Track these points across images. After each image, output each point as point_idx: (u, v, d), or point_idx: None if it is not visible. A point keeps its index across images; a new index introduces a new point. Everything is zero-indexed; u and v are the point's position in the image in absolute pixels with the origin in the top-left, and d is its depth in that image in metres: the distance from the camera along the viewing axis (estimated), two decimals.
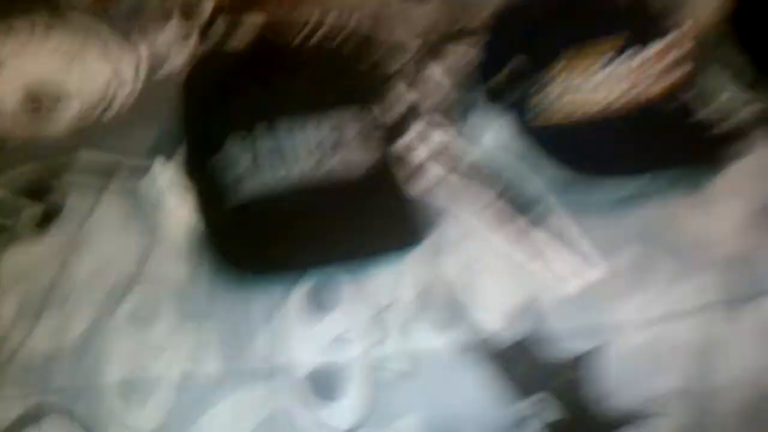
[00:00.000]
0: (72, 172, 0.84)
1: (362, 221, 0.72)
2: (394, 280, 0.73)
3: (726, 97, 0.84)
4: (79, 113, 0.90)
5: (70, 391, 0.68)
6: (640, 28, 0.79)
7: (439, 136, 0.86)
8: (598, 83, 0.79)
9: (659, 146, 0.77)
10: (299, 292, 0.73)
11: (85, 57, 0.95)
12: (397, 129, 0.84)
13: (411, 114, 0.89)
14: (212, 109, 0.76)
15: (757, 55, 0.86)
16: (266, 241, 0.72)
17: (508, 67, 0.83)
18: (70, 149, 0.85)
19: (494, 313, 0.71)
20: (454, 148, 0.84)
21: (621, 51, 0.78)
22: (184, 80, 0.83)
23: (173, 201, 0.80)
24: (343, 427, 0.67)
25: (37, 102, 0.92)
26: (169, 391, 0.68)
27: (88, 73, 0.94)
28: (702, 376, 0.69)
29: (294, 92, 0.75)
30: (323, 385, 0.69)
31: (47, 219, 0.79)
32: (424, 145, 0.85)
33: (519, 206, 0.79)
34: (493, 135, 0.85)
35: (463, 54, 0.93)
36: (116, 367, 0.69)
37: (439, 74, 0.95)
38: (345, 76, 0.81)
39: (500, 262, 0.75)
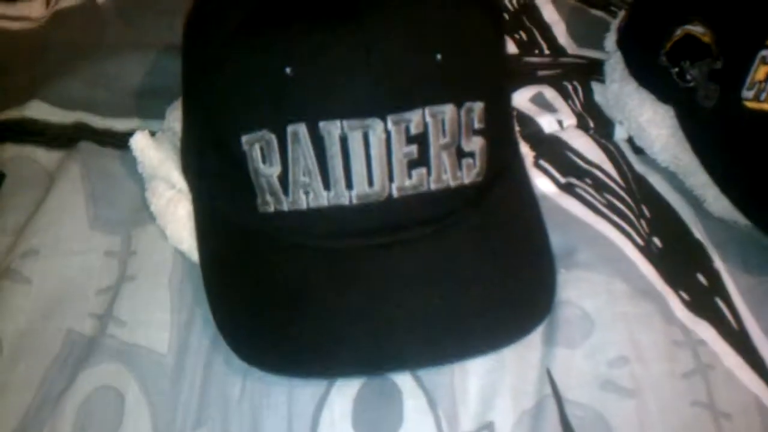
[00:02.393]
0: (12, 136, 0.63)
1: (450, 289, 0.52)
2: (482, 389, 0.51)
3: None
4: None
5: None
6: None
7: (575, 140, 0.65)
8: None
9: None
10: (340, 401, 0.51)
11: None
12: (508, 135, 0.61)
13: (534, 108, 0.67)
14: (226, 78, 0.52)
15: None
16: (302, 319, 0.51)
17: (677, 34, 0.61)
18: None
19: None
20: (592, 157, 0.64)
21: None
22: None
23: (161, 203, 0.53)
24: None
25: None
26: None
27: None
28: None
29: (354, 71, 0.50)
30: None
31: None
32: (551, 157, 0.64)
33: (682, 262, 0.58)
34: (649, 136, 0.64)
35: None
36: None
37: (572, 46, 0.74)
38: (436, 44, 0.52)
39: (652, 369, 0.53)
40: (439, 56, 0.51)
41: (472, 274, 0.53)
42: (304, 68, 0.50)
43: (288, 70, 0.49)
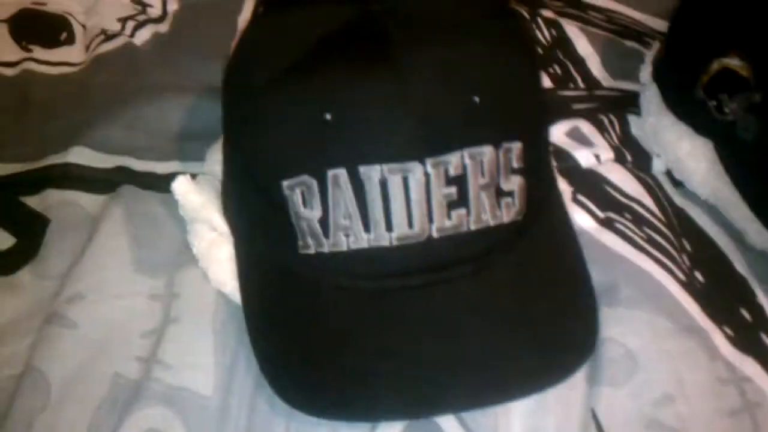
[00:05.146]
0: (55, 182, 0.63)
1: (490, 331, 0.52)
2: (526, 431, 0.51)
3: None
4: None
5: None
6: None
7: (613, 174, 0.65)
8: None
9: None
10: None
11: None
12: (547, 172, 0.61)
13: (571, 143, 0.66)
14: (265, 120, 0.53)
15: None
16: (344, 361, 0.52)
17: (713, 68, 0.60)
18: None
19: None
20: (631, 191, 0.64)
21: None
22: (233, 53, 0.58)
23: (203, 245, 0.53)
24: None
25: None
26: None
27: None
28: None
29: (392, 116, 0.50)
30: None
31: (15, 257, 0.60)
32: (589, 191, 0.64)
33: (725, 297, 0.58)
34: (688, 169, 0.64)
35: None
36: None
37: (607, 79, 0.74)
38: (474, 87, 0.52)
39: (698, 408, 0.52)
40: (477, 98, 0.51)
41: (513, 314, 0.53)
42: (343, 114, 0.50)
43: (327, 116, 0.50)
